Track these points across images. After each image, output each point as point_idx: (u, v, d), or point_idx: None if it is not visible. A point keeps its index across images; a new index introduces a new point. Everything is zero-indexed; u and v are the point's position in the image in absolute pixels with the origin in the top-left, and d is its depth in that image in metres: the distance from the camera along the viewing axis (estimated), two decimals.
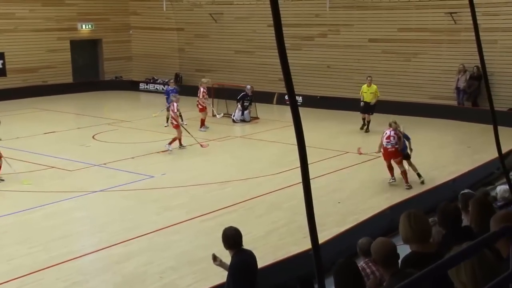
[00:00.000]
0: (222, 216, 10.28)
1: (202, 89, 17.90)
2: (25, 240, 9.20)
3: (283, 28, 2.16)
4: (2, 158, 12.23)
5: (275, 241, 9.20)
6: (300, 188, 8.99)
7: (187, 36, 26.28)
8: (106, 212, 10.74)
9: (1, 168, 12.22)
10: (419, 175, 12.20)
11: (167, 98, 18.13)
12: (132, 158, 14.45)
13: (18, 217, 10.30)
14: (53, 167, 13.49)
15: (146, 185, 12.28)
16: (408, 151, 12.26)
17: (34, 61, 24.89)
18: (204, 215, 10.35)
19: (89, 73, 27.29)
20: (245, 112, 19.37)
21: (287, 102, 22.16)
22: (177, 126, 15.21)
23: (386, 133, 12.13)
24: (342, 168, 13.49)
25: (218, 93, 20.95)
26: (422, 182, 12.05)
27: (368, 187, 12.21)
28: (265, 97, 22.64)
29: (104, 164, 13.91)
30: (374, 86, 17.64)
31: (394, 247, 3.87)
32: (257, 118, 19.85)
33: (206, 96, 17.92)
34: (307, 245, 8.18)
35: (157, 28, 27.08)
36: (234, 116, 19.43)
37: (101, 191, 11.90)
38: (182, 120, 16.40)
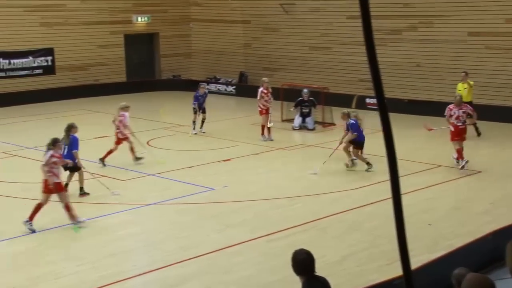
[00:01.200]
0: (291, 236, 10.29)
1: (260, 89, 17.76)
2: (73, 257, 9.56)
3: None
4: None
5: (353, 267, 9.11)
6: (383, 207, 8.84)
7: (254, 29, 26.54)
8: (161, 228, 10.98)
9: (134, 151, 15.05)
10: (347, 165, 14.36)
11: (197, 104, 18.36)
12: (190, 167, 14.72)
13: (66, 231, 10.71)
14: (103, 176, 13.93)
15: (206, 199, 12.47)
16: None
17: (85, 57, 25.88)
18: (270, 235, 10.39)
19: (144, 71, 28.08)
20: (307, 119, 19.33)
21: (369, 106, 22.11)
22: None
23: (454, 112, 14.19)
24: (433, 185, 13.20)
25: (288, 95, 21.00)
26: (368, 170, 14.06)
27: (465, 208, 11.88)
28: (343, 100, 22.46)
29: (159, 173, 14.25)
30: (470, 82, 17.93)
31: (491, 286, 3.69)
32: (332, 124, 19.76)
33: (267, 98, 17.68)
34: (391, 273, 8.04)
35: (220, 20, 27.51)
36: (293, 123, 19.51)
37: (155, 204, 12.19)
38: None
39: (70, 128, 12.76)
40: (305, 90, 19.73)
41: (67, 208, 10.69)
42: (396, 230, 1.98)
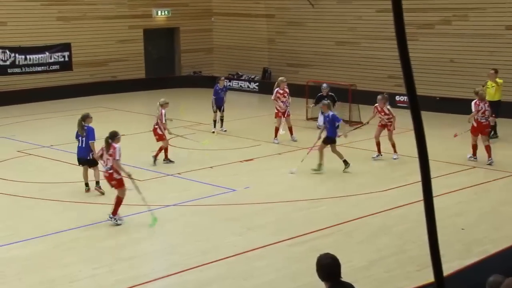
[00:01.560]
0: (315, 240, 10.26)
1: (276, 89, 17.36)
2: (89, 259, 9.64)
3: None
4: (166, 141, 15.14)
5: (381, 273, 9.05)
6: (413, 209, 8.77)
7: (279, 24, 26.51)
8: (179, 230, 11.02)
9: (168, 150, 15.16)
10: (345, 162, 14.24)
11: (216, 99, 18.40)
12: (211, 167, 14.77)
13: (83, 232, 10.82)
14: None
15: (226, 200, 12.49)
16: (340, 134, 14.57)
17: (103, 53, 26.08)
18: (293, 238, 10.37)
19: (164, 67, 28.22)
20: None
21: (398, 104, 21.92)
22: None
23: (481, 107, 14.68)
24: (467, 187, 13.08)
25: (314, 92, 20.93)
26: (346, 167, 14.17)
27: (501, 211, 11.75)
28: (371, 98, 22.27)
29: (178, 174, 14.31)
30: (498, 80, 17.30)
31: None
32: (360, 123, 19.65)
33: (283, 99, 17.13)
34: (421, 280, 7.99)
35: (243, 14, 27.54)
36: (318, 121, 19.39)
37: (174, 205, 12.24)
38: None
39: (85, 118, 12.97)
40: (324, 85, 19.51)
41: (118, 201, 11.00)
42: (427, 234, 1.96)
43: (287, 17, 26.14)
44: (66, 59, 25.32)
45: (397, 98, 22.15)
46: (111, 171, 11.06)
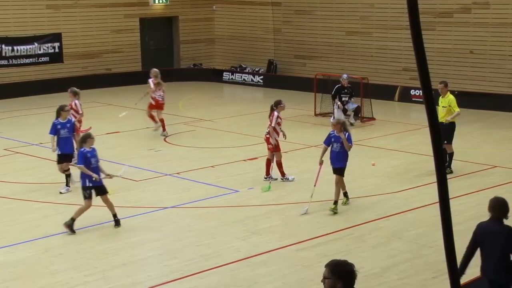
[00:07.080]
0: (324, 245, 10.28)
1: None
2: (81, 266, 9.68)
3: None
4: None
5: (394, 280, 9.07)
6: (428, 212, 8.78)
7: (285, 12, 26.53)
8: (179, 234, 11.04)
9: None
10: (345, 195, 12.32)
11: (58, 141, 13.43)
12: (212, 167, 14.79)
13: (74, 237, 10.84)
14: (116, 176, 14.03)
15: (229, 202, 12.52)
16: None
17: (96, 44, 26.13)
18: (301, 243, 10.40)
19: (162, 59, 28.24)
20: (348, 104, 18.84)
21: (414, 99, 21.91)
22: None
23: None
24: (488, 188, 13.05)
25: (322, 86, 20.95)
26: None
27: None
28: (384, 92, 22.35)
29: (177, 173, 14.33)
30: (449, 97, 14.07)
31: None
32: (372, 118, 19.67)
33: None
34: (437, 287, 7.99)
35: (247, 2, 27.56)
36: (333, 117, 19.29)
37: (173, 207, 12.27)
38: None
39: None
40: (345, 76, 19.34)
41: (279, 164, 13.35)
42: (443, 239, 1.96)
43: (294, 5, 26.14)
44: (57, 50, 25.37)
45: (412, 92, 22.17)
46: (268, 135, 13.06)
